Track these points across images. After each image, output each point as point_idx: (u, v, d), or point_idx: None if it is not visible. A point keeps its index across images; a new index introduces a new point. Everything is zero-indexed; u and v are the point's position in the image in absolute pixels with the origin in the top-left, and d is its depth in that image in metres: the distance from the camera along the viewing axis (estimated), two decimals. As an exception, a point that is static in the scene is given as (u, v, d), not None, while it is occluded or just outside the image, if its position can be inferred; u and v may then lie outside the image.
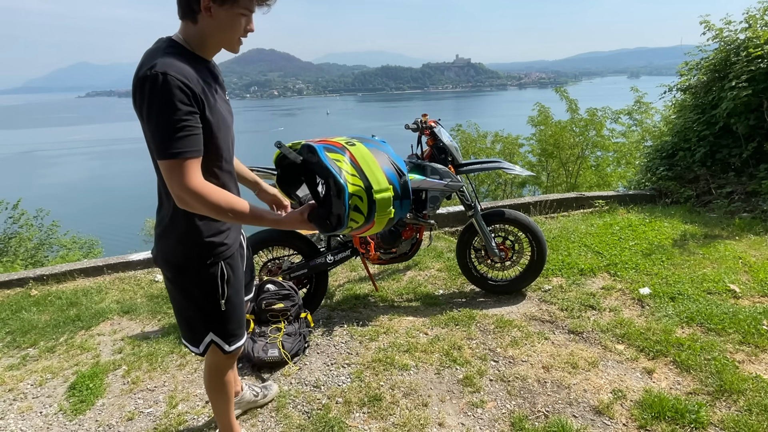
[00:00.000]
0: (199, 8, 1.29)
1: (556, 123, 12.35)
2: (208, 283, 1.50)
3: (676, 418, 1.94)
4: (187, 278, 1.50)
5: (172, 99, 1.21)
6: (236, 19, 1.32)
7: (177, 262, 1.48)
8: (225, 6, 1.29)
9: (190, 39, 1.35)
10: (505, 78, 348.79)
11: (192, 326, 1.59)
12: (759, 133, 5.14)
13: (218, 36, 1.35)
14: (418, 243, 3.12)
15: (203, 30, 1.33)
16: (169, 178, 1.26)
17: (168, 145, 1.23)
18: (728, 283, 3.08)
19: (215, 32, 1.34)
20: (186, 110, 1.24)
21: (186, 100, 1.24)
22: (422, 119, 2.99)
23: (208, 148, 1.34)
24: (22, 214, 11.75)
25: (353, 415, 2.10)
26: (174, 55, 1.28)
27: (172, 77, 1.22)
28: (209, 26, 1.32)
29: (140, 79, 1.24)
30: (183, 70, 1.25)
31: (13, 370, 2.64)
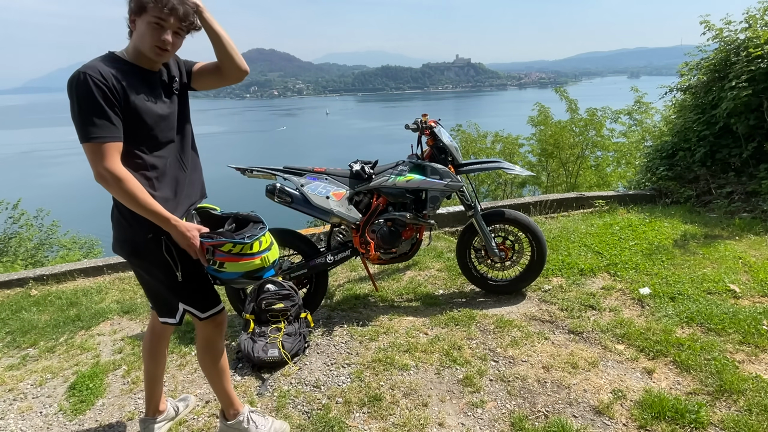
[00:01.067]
0: (130, 23, 1.58)
1: (556, 123, 12.35)
2: (158, 258, 1.67)
3: (676, 418, 1.94)
4: (141, 257, 1.70)
5: (91, 92, 1.46)
6: (149, 27, 1.54)
7: (127, 243, 1.69)
8: (141, 17, 1.53)
9: (128, 52, 1.62)
10: (505, 78, 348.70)
11: (163, 301, 1.80)
12: (759, 133, 5.14)
13: (139, 43, 1.57)
14: (418, 243, 3.12)
15: (133, 42, 1.60)
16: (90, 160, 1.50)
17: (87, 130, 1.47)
18: (728, 283, 3.08)
19: (137, 40, 1.58)
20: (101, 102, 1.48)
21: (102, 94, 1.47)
22: (422, 119, 2.99)
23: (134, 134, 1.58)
24: (22, 214, 11.74)
25: (353, 415, 2.10)
26: (101, 61, 1.54)
27: (90, 76, 1.47)
28: (134, 37, 1.58)
29: (70, 79, 1.50)
30: (102, 70, 1.50)
31: (13, 370, 2.64)
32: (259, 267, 1.72)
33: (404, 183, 2.92)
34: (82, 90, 1.46)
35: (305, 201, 2.89)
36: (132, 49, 1.60)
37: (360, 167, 2.93)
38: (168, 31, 1.55)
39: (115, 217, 1.69)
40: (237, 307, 2.94)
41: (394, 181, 2.92)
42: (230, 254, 1.66)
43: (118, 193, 1.53)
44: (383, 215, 2.97)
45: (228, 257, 1.67)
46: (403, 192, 2.98)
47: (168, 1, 1.51)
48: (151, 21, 1.52)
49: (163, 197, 1.64)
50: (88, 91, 1.46)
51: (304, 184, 2.88)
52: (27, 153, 79.40)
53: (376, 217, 2.96)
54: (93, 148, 1.48)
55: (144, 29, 1.54)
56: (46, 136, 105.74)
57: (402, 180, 2.92)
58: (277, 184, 2.94)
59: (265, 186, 2.96)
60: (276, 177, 2.94)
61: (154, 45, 1.55)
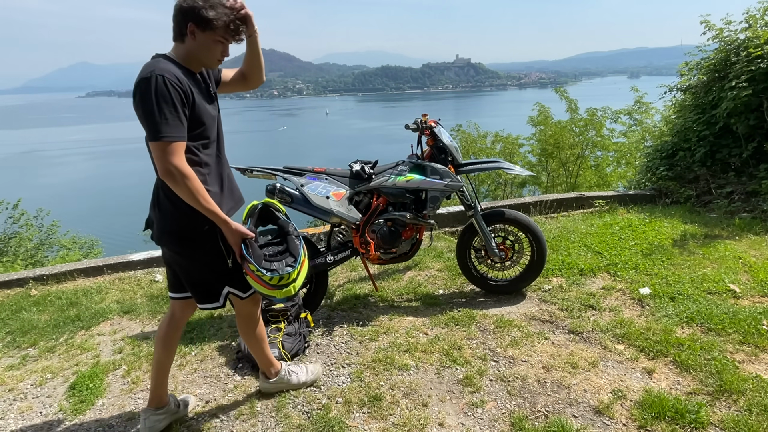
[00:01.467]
0: (186, 32, 1.68)
1: (556, 123, 12.35)
2: (213, 247, 1.83)
3: (676, 418, 1.94)
4: (193, 247, 1.81)
5: (167, 93, 1.59)
6: (214, 44, 1.72)
7: (181, 233, 1.79)
8: (206, 32, 1.68)
9: (179, 56, 1.73)
10: (505, 78, 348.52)
11: (207, 287, 1.91)
12: (759, 133, 5.14)
13: (198, 52, 1.72)
14: (418, 243, 3.12)
15: (188, 49, 1.72)
16: (158, 157, 1.62)
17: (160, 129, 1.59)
18: (728, 283, 3.08)
19: (196, 49, 1.72)
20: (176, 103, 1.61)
21: (177, 95, 1.61)
22: (422, 119, 2.99)
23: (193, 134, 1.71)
24: (22, 214, 11.74)
25: (353, 415, 2.10)
26: (168, 64, 1.67)
27: (167, 78, 1.60)
28: (192, 47, 1.71)
29: (142, 80, 1.61)
30: (175, 73, 1.64)
31: (13, 370, 2.64)
32: (268, 295, 1.88)
33: (404, 183, 2.92)
34: (160, 91, 1.59)
35: (305, 201, 2.89)
36: (185, 54, 1.73)
37: (360, 167, 2.93)
38: (227, 46, 1.76)
39: (167, 210, 1.77)
40: (237, 307, 2.94)
41: (394, 181, 2.92)
42: (253, 273, 1.81)
43: (182, 189, 1.65)
44: (383, 215, 2.97)
45: (250, 273, 1.82)
46: (403, 192, 2.98)
47: (238, 27, 1.73)
48: (217, 39, 1.70)
49: (213, 192, 1.79)
50: (164, 92, 1.59)
51: (304, 184, 2.88)
52: (27, 153, 79.37)
53: (376, 217, 2.96)
54: (163, 146, 1.61)
55: (209, 44, 1.71)
56: (46, 136, 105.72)
57: (402, 180, 2.92)
58: (277, 184, 2.94)
59: (265, 186, 2.96)
60: (276, 177, 2.94)
61: (217, 59, 1.76)
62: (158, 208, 1.81)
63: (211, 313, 3.14)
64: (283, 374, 2.22)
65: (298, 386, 2.26)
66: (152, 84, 1.58)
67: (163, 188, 1.75)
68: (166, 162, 1.61)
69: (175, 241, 1.82)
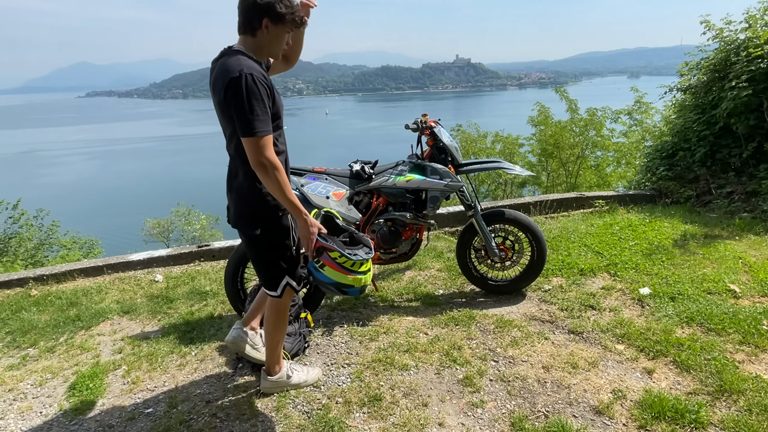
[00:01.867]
0: (260, 26, 1.79)
1: (556, 123, 12.35)
2: (284, 231, 1.96)
3: (676, 418, 1.94)
4: (270, 231, 1.93)
5: (257, 91, 1.71)
6: (283, 35, 1.84)
7: (261, 218, 1.91)
8: (278, 25, 1.79)
9: (249, 49, 1.83)
10: (505, 78, 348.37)
11: (272, 274, 2.02)
12: (759, 133, 5.14)
13: (268, 44, 1.84)
14: (418, 243, 3.12)
15: (260, 42, 1.83)
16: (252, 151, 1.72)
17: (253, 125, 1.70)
18: (728, 283, 3.08)
19: (267, 42, 1.83)
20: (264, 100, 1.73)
21: (264, 92, 1.73)
22: (422, 119, 2.99)
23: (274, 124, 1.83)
24: (22, 214, 11.76)
25: (353, 415, 2.10)
26: (248, 60, 1.77)
27: (255, 76, 1.71)
28: (265, 39, 1.82)
29: (232, 79, 1.69)
30: (261, 70, 1.77)
31: (13, 370, 2.64)
32: (350, 285, 1.94)
33: (404, 183, 2.92)
34: (250, 89, 1.70)
35: (305, 201, 2.89)
36: (256, 47, 1.84)
37: (360, 167, 2.93)
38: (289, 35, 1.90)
39: (244, 194, 1.90)
40: (237, 307, 2.94)
41: (394, 181, 2.92)
42: (335, 262, 1.89)
43: (272, 180, 1.75)
44: (383, 215, 2.97)
45: (332, 263, 1.90)
46: (403, 192, 2.98)
47: (302, 18, 1.86)
48: (286, 31, 1.83)
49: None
50: (254, 90, 1.70)
51: (304, 184, 2.88)
52: (27, 153, 79.38)
53: (376, 217, 2.96)
54: (256, 141, 1.71)
55: (279, 36, 1.83)
56: (46, 136, 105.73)
57: (402, 180, 2.92)
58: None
59: (265, 186, 2.96)
60: None
61: (282, 48, 1.89)
62: (236, 192, 1.92)
63: (211, 313, 3.14)
64: (284, 371, 2.25)
65: (297, 386, 2.28)
66: (242, 83, 1.68)
67: (245, 175, 1.87)
68: (259, 155, 1.72)
69: (249, 224, 1.92)
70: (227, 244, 4.27)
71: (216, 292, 3.47)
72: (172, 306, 3.30)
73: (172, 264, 4.13)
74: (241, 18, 1.81)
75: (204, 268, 3.99)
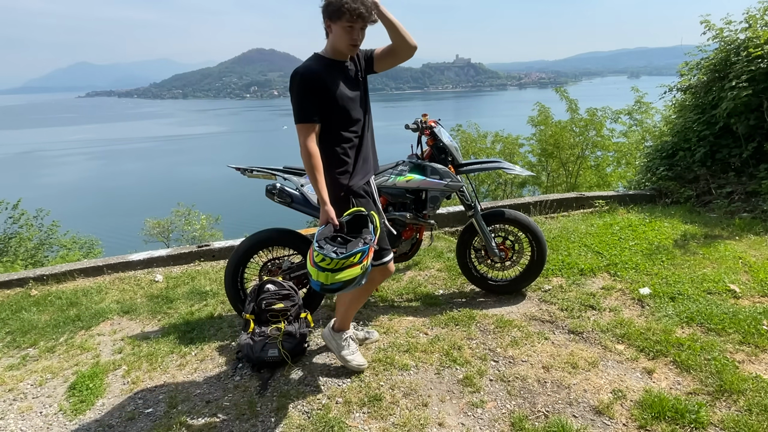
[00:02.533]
0: (327, 28, 2.07)
1: (556, 123, 12.35)
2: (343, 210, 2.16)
3: (676, 418, 1.94)
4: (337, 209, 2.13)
5: (302, 86, 2.03)
6: (344, 30, 2.01)
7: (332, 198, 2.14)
8: (336, 22, 2.00)
9: (326, 50, 2.13)
10: (505, 78, 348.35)
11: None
12: (759, 133, 5.13)
13: (335, 42, 2.07)
14: (418, 243, 3.12)
15: (331, 42, 2.09)
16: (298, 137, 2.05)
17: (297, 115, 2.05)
18: (728, 283, 3.08)
19: (333, 40, 2.07)
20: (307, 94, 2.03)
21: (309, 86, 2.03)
22: (422, 119, 2.99)
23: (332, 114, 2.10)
24: (22, 214, 11.76)
25: (353, 415, 2.10)
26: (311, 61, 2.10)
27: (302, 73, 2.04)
28: (331, 39, 2.08)
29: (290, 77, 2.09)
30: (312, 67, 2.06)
31: (13, 370, 2.64)
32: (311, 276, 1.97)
33: (404, 183, 2.92)
34: (296, 84, 2.04)
35: (305, 201, 2.89)
36: (330, 48, 2.11)
37: (360, 167, 2.93)
38: (356, 30, 2.02)
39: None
40: (237, 307, 2.94)
41: (394, 181, 2.92)
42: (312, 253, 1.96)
43: (306, 163, 2.05)
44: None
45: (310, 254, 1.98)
46: (403, 192, 2.98)
47: (355, 9, 1.94)
48: (344, 26, 1.99)
49: (347, 163, 2.17)
50: (300, 85, 2.02)
51: (304, 184, 2.88)
52: (27, 153, 79.40)
53: (376, 217, 2.95)
54: (298, 128, 2.05)
55: (340, 32, 2.02)
56: (46, 136, 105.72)
57: (402, 180, 2.91)
58: (277, 184, 2.94)
59: (265, 186, 2.96)
60: (276, 177, 2.94)
61: (348, 44, 2.04)
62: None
63: (211, 313, 3.14)
64: (345, 336, 2.43)
65: (341, 358, 2.41)
66: (294, 80, 2.05)
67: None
68: (300, 140, 2.05)
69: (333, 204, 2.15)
70: (227, 244, 4.27)
71: (216, 292, 3.47)
72: (172, 306, 3.30)
73: (172, 264, 4.13)
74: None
75: (204, 268, 3.99)
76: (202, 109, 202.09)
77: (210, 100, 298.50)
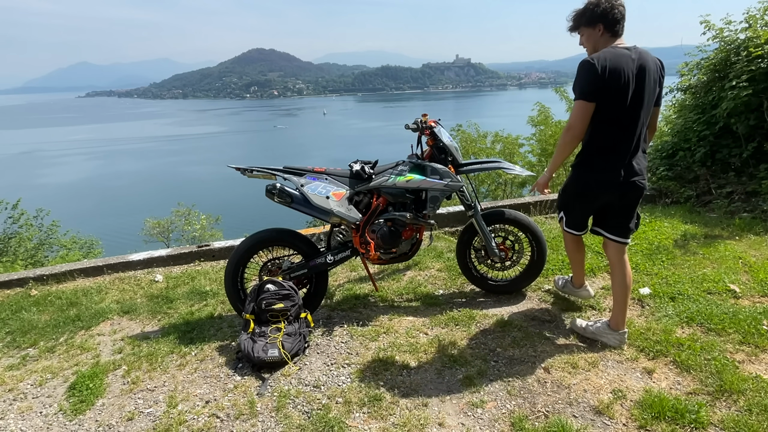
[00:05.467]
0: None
1: (556, 123, 12.33)
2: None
3: (676, 418, 1.94)
4: None
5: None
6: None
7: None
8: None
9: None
10: (505, 78, 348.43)
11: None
12: (759, 133, 5.13)
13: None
14: (418, 243, 3.12)
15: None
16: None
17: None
18: (728, 283, 3.08)
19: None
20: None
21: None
22: (422, 119, 2.99)
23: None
24: (22, 214, 11.76)
25: (353, 415, 2.10)
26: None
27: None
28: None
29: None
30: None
31: (13, 370, 2.64)
32: None
33: (404, 183, 2.92)
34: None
35: (305, 201, 2.89)
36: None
37: (360, 167, 2.93)
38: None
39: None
40: (237, 307, 2.94)
41: (394, 181, 2.92)
42: None
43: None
44: (383, 215, 2.97)
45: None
46: (403, 192, 2.98)
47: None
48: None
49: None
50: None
51: (304, 184, 2.88)
52: (27, 153, 79.40)
53: (376, 217, 2.96)
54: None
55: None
56: (46, 136, 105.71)
57: (402, 180, 2.91)
58: (277, 184, 2.94)
59: (265, 186, 2.96)
60: (276, 177, 2.94)
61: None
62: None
63: (211, 313, 3.14)
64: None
65: (605, 341, 2.53)
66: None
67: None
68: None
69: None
70: (227, 244, 4.27)
71: (216, 292, 3.47)
72: (172, 306, 3.30)
73: (172, 264, 4.13)
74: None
75: (204, 268, 3.99)
76: (202, 109, 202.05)
77: (210, 100, 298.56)
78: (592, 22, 2.31)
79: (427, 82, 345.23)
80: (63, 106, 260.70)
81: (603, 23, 2.29)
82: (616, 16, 2.27)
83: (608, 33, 2.31)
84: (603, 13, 2.27)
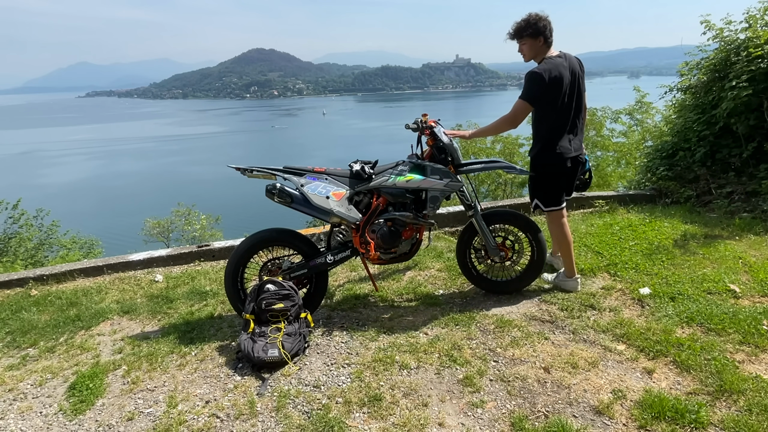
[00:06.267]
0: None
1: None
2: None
3: (676, 418, 1.94)
4: None
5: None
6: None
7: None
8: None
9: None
10: (505, 78, 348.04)
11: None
12: (759, 133, 5.13)
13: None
14: (418, 243, 3.12)
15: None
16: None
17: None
18: (728, 283, 3.08)
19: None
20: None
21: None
22: (422, 119, 2.99)
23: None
24: (22, 214, 11.76)
25: (353, 415, 2.10)
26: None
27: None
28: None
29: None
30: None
31: (13, 370, 2.64)
32: None
33: (404, 183, 2.92)
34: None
35: (305, 201, 2.89)
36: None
37: (360, 167, 2.93)
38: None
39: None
40: (237, 307, 2.94)
41: (394, 181, 2.92)
42: None
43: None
44: (383, 215, 2.97)
45: None
46: (403, 192, 2.98)
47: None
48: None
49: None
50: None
51: (304, 184, 2.88)
52: (27, 153, 79.41)
53: (376, 217, 2.96)
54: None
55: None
56: (46, 136, 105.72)
57: (402, 180, 2.91)
58: (277, 184, 2.94)
59: (265, 186, 2.96)
60: (276, 177, 2.94)
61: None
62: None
63: (211, 313, 3.14)
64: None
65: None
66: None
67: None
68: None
69: None
70: (227, 244, 4.27)
71: (216, 292, 3.47)
72: (172, 306, 3.30)
73: (172, 264, 4.13)
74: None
75: (204, 268, 3.99)
76: (202, 109, 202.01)
77: (210, 100, 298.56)
78: (536, 35, 2.85)
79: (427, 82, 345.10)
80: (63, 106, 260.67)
81: (543, 36, 2.86)
82: (551, 29, 2.87)
83: (546, 44, 2.89)
84: (544, 27, 2.83)
